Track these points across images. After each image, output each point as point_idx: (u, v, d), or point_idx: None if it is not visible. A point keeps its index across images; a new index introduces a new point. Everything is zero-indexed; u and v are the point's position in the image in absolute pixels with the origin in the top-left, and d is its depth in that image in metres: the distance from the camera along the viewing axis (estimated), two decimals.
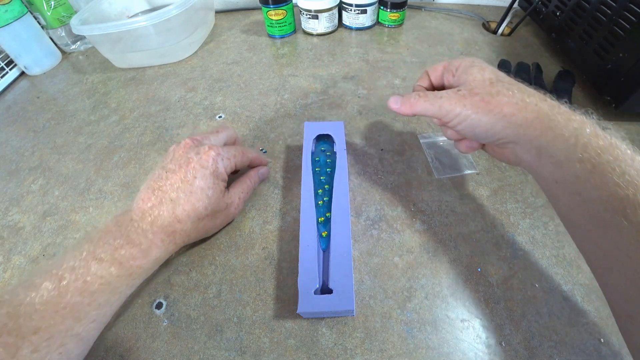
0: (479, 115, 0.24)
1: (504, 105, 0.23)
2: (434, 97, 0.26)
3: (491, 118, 0.23)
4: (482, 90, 0.24)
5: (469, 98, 0.24)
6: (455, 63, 0.28)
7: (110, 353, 0.27)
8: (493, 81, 0.24)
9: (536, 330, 0.26)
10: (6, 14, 0.52)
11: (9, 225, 0.36)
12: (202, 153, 0.29)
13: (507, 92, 0.23)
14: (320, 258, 0.29)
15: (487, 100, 0.24)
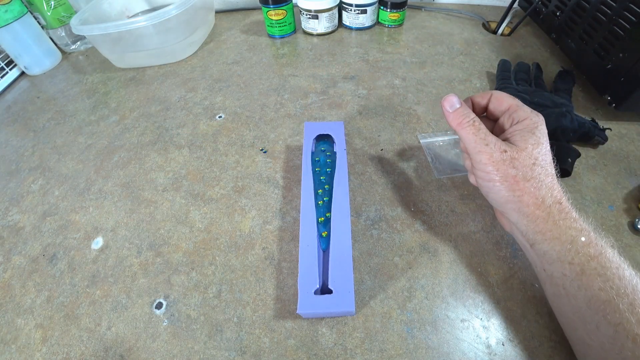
0: (502, 187, 0.25)
1: (526, 193, 0.24)
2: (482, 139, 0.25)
3: (510, 196, 0.24)
4: (522, 167, 0.24)
5: (506, 166, 0.24)
6: (523, 114, 0.26)
7: (110, 353, 0.27)
8: (537, 163, 0.24)
9: (536, 330, 0.26)
10: (6, 14, 0.52)
11: (9, 225, 0.36)
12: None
13: (537, 182, 0.24)
14: (320, 258, 0.29)
15: (518, 180, 0.24)
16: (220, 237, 0.33)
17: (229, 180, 0.38)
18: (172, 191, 0.38)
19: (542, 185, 0.24)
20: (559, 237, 0.23)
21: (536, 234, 0.24)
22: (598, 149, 0.38)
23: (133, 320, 0.28)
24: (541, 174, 0.24)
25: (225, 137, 0.44)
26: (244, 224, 0.34)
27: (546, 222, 0.24)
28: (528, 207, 0.24)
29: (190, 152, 0.42)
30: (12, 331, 0.29)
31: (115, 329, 0.28)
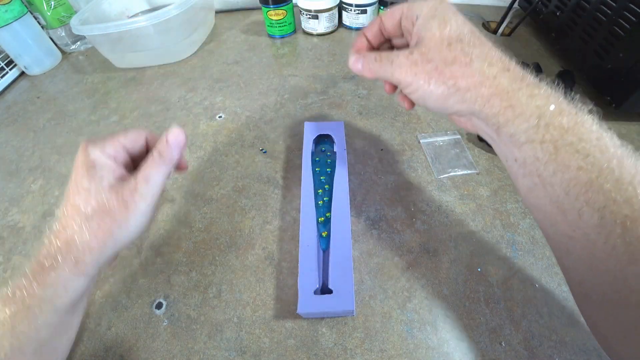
0: (431, 86, 0.21)
1: (458, 77, 0.20)
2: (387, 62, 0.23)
3: (444, 90, 0.21)
4: (437, 55, 0.21)
5: (421, 65, 0.21)
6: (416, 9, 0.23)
7: (110, 353, 0.27)
8: (452, 41, 0.21)
9: (536, 330, 0.26)
10: (6, 14, 0.52)
11: (9, 225, 0.36)
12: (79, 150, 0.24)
13: (465, 58, 0.20)
14: (320, 258, 0.29)
15: (440, 69, 0.21)
16: (220, 237, 0.33)
17: (229, 180, 0.38)
18: (172, 191, 0.38)
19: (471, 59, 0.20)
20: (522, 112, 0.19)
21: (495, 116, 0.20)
22: None
23: (133, 320, 0.28)
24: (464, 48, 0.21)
25: (225, 137, 0.44)
26: (244, 224, 0.34)
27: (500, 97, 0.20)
28: (469, 90, 0.20)
29: (190, 152, 0.42)
30: None
31: (115, 329, 0.28)
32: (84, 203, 0.22)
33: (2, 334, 0.20)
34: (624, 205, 0.17)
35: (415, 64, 0.22)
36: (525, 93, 0.19)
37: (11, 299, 0.21)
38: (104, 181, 0.23)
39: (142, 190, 0.24)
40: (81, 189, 0.23)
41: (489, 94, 0.20)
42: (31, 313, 0.21)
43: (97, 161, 0.24)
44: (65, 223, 0.22)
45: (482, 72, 0.20)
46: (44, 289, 0.21)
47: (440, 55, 0.21)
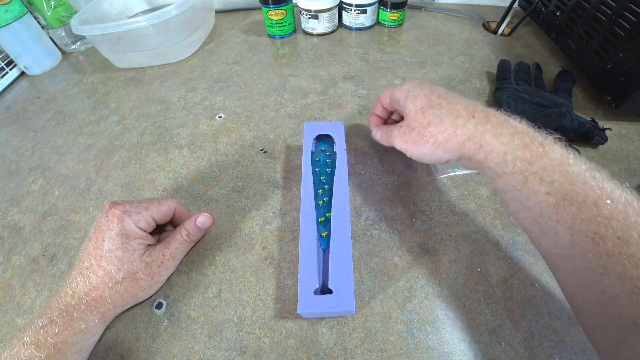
0: (420, 148, 0.27)
1: (436, 134, 0.26)
2: (388, 136, 0.31)
3: (430, 147, 0.27)
4: (417, 123, 0.27)
5: (408, 134, 0.28)
6: (396, 94, 0.30)
7: (110, 353, 0.27)
8: (425, 110, 0.27)
9: (536, 330, 0.26)
10: (6, 14, 0.52)
11: (9, 225, 0.36)
12: (110, 215, 0.27)
13: (437, 119, 0.26)
14: (320, 258, 0.29)
15: (422, 133, 0.27)
16: (220, 237, 0.33)
17: (229, 180, 0.38)
18: (172, 191, 0.38)
19: (441, 119, 0.26)
20: (491, 151, 0.23)
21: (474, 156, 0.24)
22: (598, 149, 0.38)
23: (133, 320, 0.28)
24: (434, 112, 0.26)
25: (225, 137, 0.44)
26: (244, 224, 0.34)
27: (471, 141, 0.24)
28: (448, 142, 0.25)
29: (190, 152, 0.42)
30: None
31: (115, 329, 0.28)
32: (115, 271, 0.26)
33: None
34: (590, 224, 0.19)
35: (405, 134, 0.28)
36: (491, 134, 0.24)
37: (44, 344, 0.24)
38: (135, 253, 0.27)
39: (168, 264, 0.29)
40: (114, 258, 0.26)
41: (462, 140, 0.25)
42: (62, 355, 0.24)
43: (131, 234, 0.28)
44: (96, 284, 0.26)
45: (453, 125, 0.25)
46: (73, 336, 0.25)
47: (419, 122, 0.27)
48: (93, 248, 0.27)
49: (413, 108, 0.28)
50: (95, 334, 0.27)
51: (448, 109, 0.26)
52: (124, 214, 0.28)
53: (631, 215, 0.18)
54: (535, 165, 0.21)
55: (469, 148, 0.24)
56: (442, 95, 0.28)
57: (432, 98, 0.27)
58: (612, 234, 0.18)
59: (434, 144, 0.26)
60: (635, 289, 0.17)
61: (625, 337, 0.18)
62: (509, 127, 0.23)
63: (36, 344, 0.24)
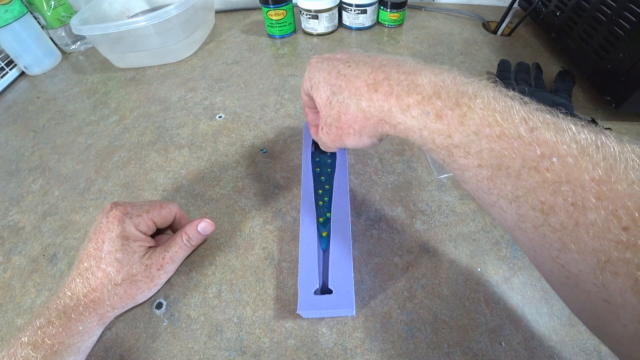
0: (347, 142, 0.24)
1: (351, 123, 0.22)
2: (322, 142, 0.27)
3: (355, 138, 0.23)
4: (330, 118, 0.24)
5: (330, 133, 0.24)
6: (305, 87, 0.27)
7: (110, 353, 0.27)
8: (330, 99, 0.23)
9: (536, 330, 0.26)
10: (6, 14, 0.52)
11: (9, 225, 0.36)
12: (110, 216, 0.27)
13: (343, 108, 0.22)
14: (320, 258, 0.29)
15: (339, 127, 0.23)
16: (220, 237, 0.33)
17: (229, 180, 0.38)
18: (172, 191, 0.38)
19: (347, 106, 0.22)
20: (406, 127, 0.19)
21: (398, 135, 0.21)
22: None
23: (133, 320, 0.28)
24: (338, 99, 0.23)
25: (225, 137, 0.44)
26: (244, 224, 0.34)
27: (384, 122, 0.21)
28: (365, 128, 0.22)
29: (190, 152, 0.42)
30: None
31: (115, 329, 0.28)
32: (114, 273, 0.26)
33: None
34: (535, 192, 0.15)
35: (328, 134, 0.25)
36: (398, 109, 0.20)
37: (41, 345, 0.24)
38: (135, 255, 0.27)
39: (167, 268, 0.29)
40: (114, 260, 0.26)
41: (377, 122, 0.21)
42: (58, 356, 0.24)
43: (131, 236, 0.27)
44: (95, 286, 0.26)
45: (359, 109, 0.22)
46: (70, 337, 0.25)
47: (331, 117, 0.24)
48: (93, 249, 0.27)
49: (320, 101, 0.24)
50: (93, 336, 0.27)
51: (348, 90, 0.22)
52: (125, 216, 0.27)
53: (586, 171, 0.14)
54: (456, 137, 0.17)
55: (386, 129, 0.21)
56: (341, 71, 0.23)
57: (331, 80, 0.23)
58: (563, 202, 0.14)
59: (355, 134, 0.23)
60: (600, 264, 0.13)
61: (601, 315, 0.15)
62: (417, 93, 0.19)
63: (33, 344, 0.23)
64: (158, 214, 0.29)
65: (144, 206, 0.29)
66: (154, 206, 0.30)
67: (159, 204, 0.30)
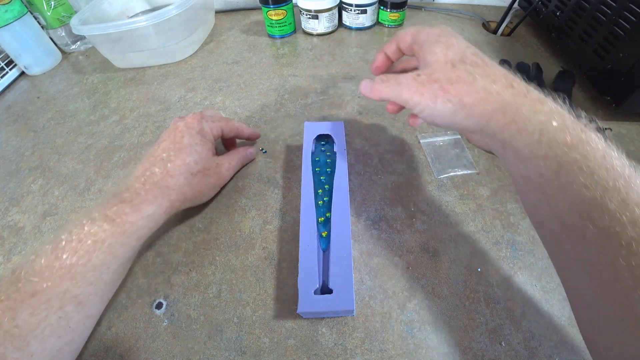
0: (437, 105, 0.22)
1: (463, 94, 0.21)
2: (395, 84, 0.24)
3: (451, 108, 0.22)
4: (442, 75, 0.22)
5: (427, 86, 0.23)
6: (423, 35, 0.25)
7: (110, 353, 0.27)
8: (455, 63, 0.22)
9: (536, 330, 0.26)
10: (6, 14, 0.52)
11: (9, 225, 0.36)
12: (187, 118, 0.32)
13: (469, 77, 0.21)
14: (320, 258, 0.29)
15: (445, 88, 0.22)
16: (220, 237, 0.33)
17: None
18: None
19: (474, 78, 0.21)
20: (525, 128, 0.19)
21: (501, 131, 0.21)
22: None
23: (133, 320, 0.28)
24: (467, 69, 0.22)
25: None
26: (244, 224, 0.34)
27: (503, 113, 0.20)
28: (474, 106, 0.21)
29: None
30: None
31: (115, 329, 0.28)
32: (193, 163, 0.29)
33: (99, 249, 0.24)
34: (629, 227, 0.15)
35: (422, 85, 0.23)
36: (529, 109, 0.20)
37: (113, 220, 0.24)
38: (209, 152, 0.32)
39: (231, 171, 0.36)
40: (194, 152, 0.30)
41: (493, 109, 0.20)
42: (126, 236, 0.25)
43: (207, 135, 0.32)
44: (172, 172, 0.28)
45: (486, 89, 0.21)
46: (141, 219, 0.26)
47: (445, 75, 0.22)
48: (171, 143, 0.30)
49: (442, 56, 0.23)
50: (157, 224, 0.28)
51: (484, 69, 0.22)
52: (202, 119, 0.32)
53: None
54: (575, 152, 0.18)
55: (498, 120, 0.20)
56: (478, 53, 0.23)
57: (467, 52, 0.23)
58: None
59: (456, 104, 0.21)
60: None
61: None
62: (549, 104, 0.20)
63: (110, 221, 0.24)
64: (226, 125, 0.35)
65: (216, 116, 0.35)
66: (224, 118, 0.35)
67: (226, 118, 0.36)
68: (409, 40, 0.27)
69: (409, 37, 0.27)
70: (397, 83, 0.24)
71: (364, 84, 0.27)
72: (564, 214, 0.18)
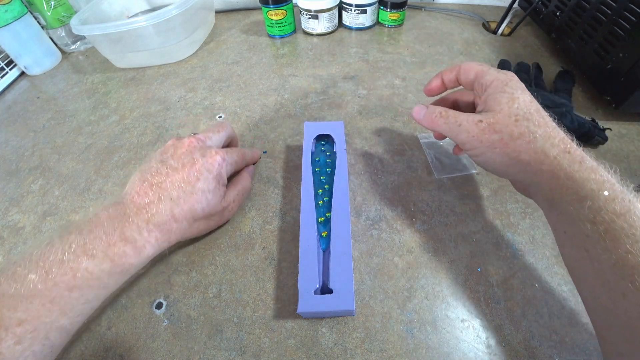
0: (494, 155, 0.24)
1: (522, 151, 0.22)
2: (454, 123, 0.25)
3: (506, 161, 0.23)
4: (504, 128, 0.23)
5: (488, 135, 0.23)
6: (488, 78, 0.26)
7: (110, 353, 0.27)
8: (519, 119, 0.23)
9: (536, 330, 0.26)
10: (6, 14, 0.52)
11: (9, 225, 0.36)
12: (209, 156, 0.29)
13: (529, 136, 0.22)
14: (320, 258, 0.29)
15: (506, 142, 0.23)
16: (220, 237, 0.33)
17: None
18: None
19: (535, 138, 0.22)
20: (576, 193, 0.21)
21: (551, 191, 0.22)
22: (598, 149, 0.38)
23: (133, 320, 0.28)
24: (530, 127, 0.23)
25: None
26: (244, 224, 0.34)
27: (558, 177, 0.21)
28: (530, 164, 0.22)
29: None
30: None
31: (115, 329, 0.28)
32: (200, 210, 0.28)
33: (94, 285, 0.23)
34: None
35: (483, 132, 0.24)
36: (582, 176, 0.21)
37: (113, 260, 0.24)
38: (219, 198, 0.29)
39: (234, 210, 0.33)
40: (204, 199, 0.28)
41: (548, 171, 0.22)
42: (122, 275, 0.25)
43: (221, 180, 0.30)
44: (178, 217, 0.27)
45: (544, 151, 0.22)
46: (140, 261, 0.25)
47: (507, 129, 0.23)
48: (182, 181, 0.27)
49: (507, 108, 0.23)
50: (149, 260, 0.27)
51: (545, 130, 0.23)
52: (224, 162, 0.30)
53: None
54: (622, 220, 0.19)
55: (551, 182, 0.22)
56: (540, 111, 0.24)
57: (531, 109, 0.23)
58: None
59: (513, 159, 0.23)
60: None
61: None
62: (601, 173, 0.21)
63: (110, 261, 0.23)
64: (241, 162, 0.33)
65: (233, 155, 0.32)
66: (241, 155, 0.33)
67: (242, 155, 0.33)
68: (472, 77, 0.27)
69: (472, 74, 0.27)
70: (456, 123, 0.25)
71: (418, 110, 0.28)
72: (606, 274, 0.19)
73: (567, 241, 0.22)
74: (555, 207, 0.22)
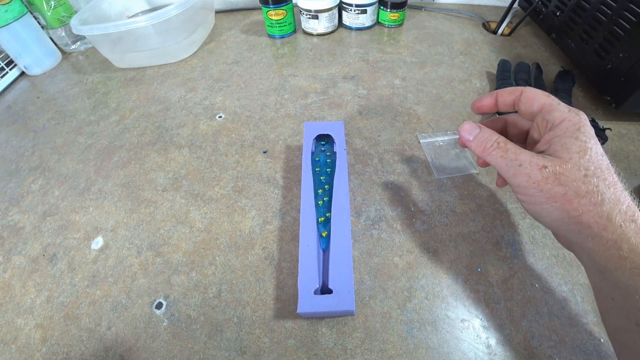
0: (552, 209, 0.21)
1: (585, 213, 0.20)
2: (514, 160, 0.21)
3: (564, 218, 0.20)
4: (571, 182, 0.20)
5: (550, 184, 0.20)
6: (558, 115, 0.22)
7: (110, 353, 0.27)
8: (589, 174, 0.20)
9: (536, 330, 0.26)
10: (6, 14, 0.52)
11: (9, 225, 0.36)
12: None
13: (597, 197, 0.20)
14: (320, 258, 0.29)
15: (569, 198, 0.20)
16: (220, 237, 0.33)
17: (229, 180, 0.38)
18: (172, 191, 0.38)
19: (603, 200, 0.19)
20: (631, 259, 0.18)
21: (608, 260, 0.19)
22: None
23: (133, 320, 0.28)
24: (599, 186, 0.20)
25: (225, 137, 0.44)
26: (244, 224, 0.34)
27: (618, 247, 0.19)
28: (590, 228, 0.20)
29: (190, 152, 0.42)
30: (12, 331, 0.29)
31: (115, 329, 0.28)
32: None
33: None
34: None
35: (546, 181, 0.20)
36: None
37: None
38: None
39: None
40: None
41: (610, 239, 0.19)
42: None
43: None
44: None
45: (609, 217, 0.19)
46: None
47: (574, 184, 0.20)
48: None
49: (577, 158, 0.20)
50: None
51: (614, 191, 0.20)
52: None
53: None
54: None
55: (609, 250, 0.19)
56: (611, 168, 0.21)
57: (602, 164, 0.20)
58: None
59: (572, 218, 0.20)
60: None
61: None
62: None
63: None
64: None
65: None
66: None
67: None
68: (535, 110, 0.23)
69: (536, 106, 0.23)
70: (517, 161, 0.21)
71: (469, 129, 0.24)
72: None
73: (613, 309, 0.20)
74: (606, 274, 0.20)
